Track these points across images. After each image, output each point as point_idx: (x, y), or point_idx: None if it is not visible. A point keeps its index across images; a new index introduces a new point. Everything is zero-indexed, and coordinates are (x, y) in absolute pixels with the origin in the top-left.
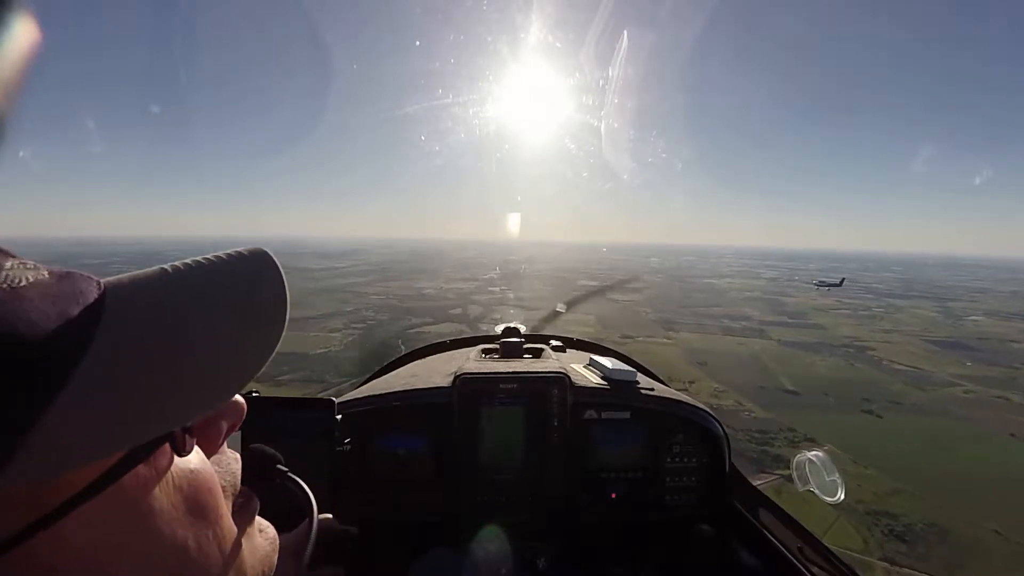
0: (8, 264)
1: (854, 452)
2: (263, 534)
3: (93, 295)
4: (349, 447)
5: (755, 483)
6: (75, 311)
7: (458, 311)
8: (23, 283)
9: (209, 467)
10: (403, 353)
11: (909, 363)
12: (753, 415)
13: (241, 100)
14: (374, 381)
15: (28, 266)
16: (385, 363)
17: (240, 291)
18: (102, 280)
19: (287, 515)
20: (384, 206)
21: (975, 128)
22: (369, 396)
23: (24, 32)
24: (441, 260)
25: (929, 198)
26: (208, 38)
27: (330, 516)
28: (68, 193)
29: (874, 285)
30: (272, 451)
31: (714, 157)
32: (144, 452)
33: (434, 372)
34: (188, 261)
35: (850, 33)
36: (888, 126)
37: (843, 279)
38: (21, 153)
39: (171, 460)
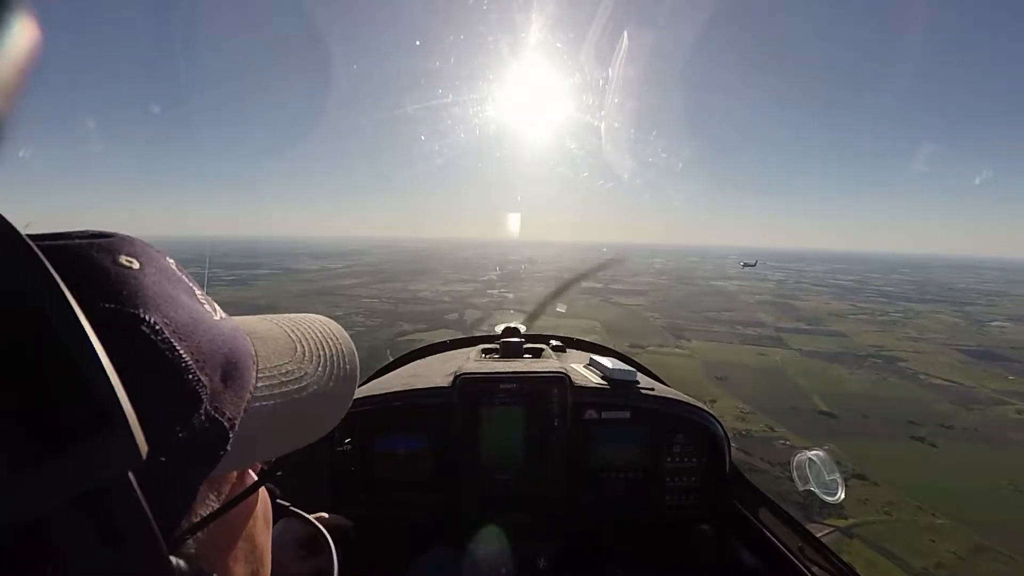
0: (200, 295)
1: (920, 497)
2: None
3: (251, 350)
4: (349, 447)
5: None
6: (251, 347)
7: (454, 316)
8: (225, 317)
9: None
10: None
11: (946, 376)
12: (788, 443)
13: (241, 100)
14: (374, 381)
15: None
16: (384, 364)
17: (338, 360)
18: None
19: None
20: (383, 206)
21: (975, 128)
22: (369, 396)
23: (24, 32)
24: (440, 261)
25: (932, 198)
26: (208, 38)
27: (325, 515)
28: (68, 193)
29: (886, 288)
30: (271, 486)
31: (715, 157)
32: (279, 465)
33: (434, 372)
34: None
35: (852, 32)
36: (890, 126)
37: (756, 261)
38: (21, 153)
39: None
